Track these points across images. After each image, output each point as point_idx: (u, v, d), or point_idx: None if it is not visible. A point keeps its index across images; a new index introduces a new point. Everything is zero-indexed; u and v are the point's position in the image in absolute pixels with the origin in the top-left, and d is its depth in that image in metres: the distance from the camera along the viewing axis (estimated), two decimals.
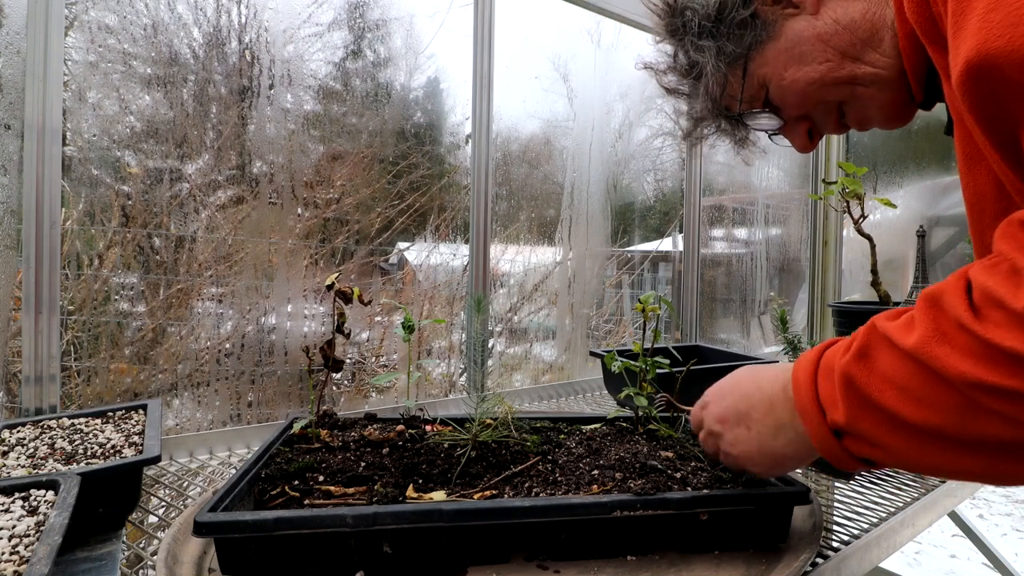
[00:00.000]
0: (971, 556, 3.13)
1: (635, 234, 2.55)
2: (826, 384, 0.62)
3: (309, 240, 1.65)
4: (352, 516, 0.69)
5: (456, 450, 0.91)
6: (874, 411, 0.57)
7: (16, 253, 1.22)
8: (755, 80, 0.83)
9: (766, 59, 0.81)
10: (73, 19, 1.30)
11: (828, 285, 2.85)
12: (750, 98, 0.85)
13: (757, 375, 0.76)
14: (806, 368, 0.65)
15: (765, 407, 0.71)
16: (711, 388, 0.83)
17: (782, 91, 0.82)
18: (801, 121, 0.87)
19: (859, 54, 0.77)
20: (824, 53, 0.78)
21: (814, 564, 0.83)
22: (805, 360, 0.67)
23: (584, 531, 0.76)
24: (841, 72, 0.78)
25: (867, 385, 0.57)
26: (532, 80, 2.07)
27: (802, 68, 0.79)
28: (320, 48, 1.67)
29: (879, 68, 0.76)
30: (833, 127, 0.85)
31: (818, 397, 0.63)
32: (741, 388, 0.76)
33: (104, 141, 1.37)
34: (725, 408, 0.77)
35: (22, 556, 0.62)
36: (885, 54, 0.75)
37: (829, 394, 0.61)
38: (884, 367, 0.56)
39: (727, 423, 0.76)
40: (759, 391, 0.73)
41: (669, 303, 1.09)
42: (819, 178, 2.82)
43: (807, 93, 0.81)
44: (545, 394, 1.94)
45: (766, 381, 0.73)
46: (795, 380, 0.66)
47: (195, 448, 1.34)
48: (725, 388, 0.79)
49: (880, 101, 0.79)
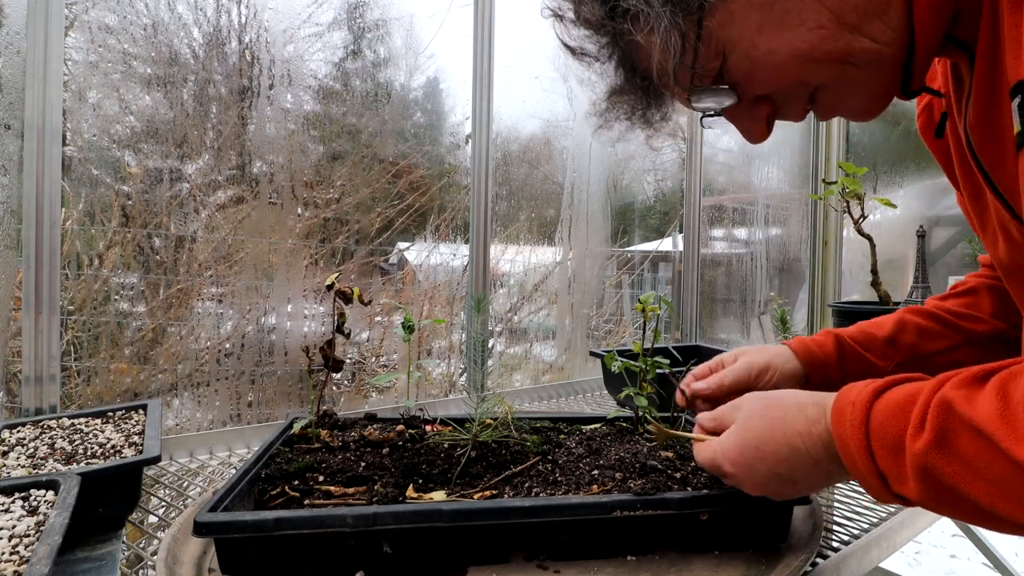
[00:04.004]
0: (971, 556, 3.13)
1: (635, 234, 2.55)
2: (888, 460, 0.56)
3: (309, 240, 1.65)
4: (352, 516, 0.69)
5: (456, 450, 0.91)
6: (956, 498, 0.52)
7: (16, 253, 1.22)
8: (712, 45, 0.60)
9: (732, 15, 0.59)
10: (73, 19, 1.30)
11: (828, 285, 2.85)
12: (702, 71, 0.62)
13: (779, 430, 0.66)
14: (855, 436, 0.58)
15: (809, 465, 0.64)
16: (723, 451, 0.71)
17: (751, 63, 0.61)
18: (761, 103, 0.66)
19: (859, 22, 0.58)
20: (817, 16, 0.57)
21: (814, 564, 0.83)
22: (851, 423, 0.58)
23: (584, 531, 0.76)
24: (836, 44, 0.58)
25: (950, 477, 0.51)
26: (532, 80, 2.07)
27: (783, 34, 0.58)
28: (320, 48, 1.67)
29: (881, 44, 0.59)
30: (798, 114, 0.67)
31: (879, 470, 0.57)
32: (772, 454, 0.66)
33: (104, 141, 1.37)
34: (762, 478, 0.68)
35: (22, 556, 0.62)
36: (891, 25, 0.58)
37: (895, 472, 0.55)
38: (972, 459, 0.50)
39: (768, 488, 0.69)
40: (795, 454, 0.64)
41: (669, 303, 1.09)
42: (819, 178, 2.82)
43: (785, 69, 0.60)
44: (545, 394, 1.94)
45: (796, 438, 0.64)
46: (843, 446, 0.59)
47: (195, 448, 1.34)
48: (749, 456, 0.68)
49: (869, 88, 0.63)
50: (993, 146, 0.61)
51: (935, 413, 0.53)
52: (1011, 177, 0.59)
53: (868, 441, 0.57)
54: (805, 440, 0.64)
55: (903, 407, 0.56)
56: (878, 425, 0.56)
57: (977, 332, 0.96)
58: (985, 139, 0.63)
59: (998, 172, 0.62)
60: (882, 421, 0.56)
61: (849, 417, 0.59)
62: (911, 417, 0.54)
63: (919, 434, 0.53)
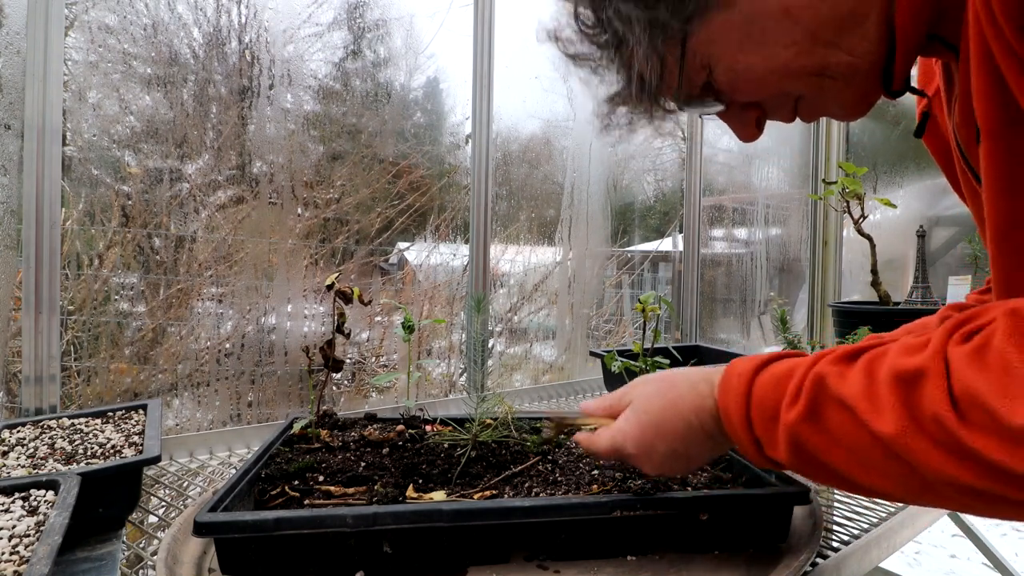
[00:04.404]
0: (971, 556, 3.13)
1: (635, 234, 2.55)
2: (764, 428, 0.61)
3: (309, 240, 1.65)
4: (352, 516, 0.69)
5: (456, 450, 0.91)
6: (820, 466, 0.57)
7: (16, 253, 1.22)
8: (697, 60, 0.65)
9: (713, 34, 0.62)
10: (73, 19, 1.30)
11: (828, 285, 2.85)
12: (689, 82, 0.66)
13: (676, 408, 0.70)
14: (737, 408, 0.63)
15: (701, 438, 0.69)
16: (623, 434, 0.73)
17: (734, 77, 0.65)
18: (749, 108, 0.70)
19: (835, 37, 0.60)
20: (791, 34, 0.60)
21: (814, 564, 0.83)
22: (735, 395, 0.63)
23: (584, 531, 0.76)
24: (810, 60, 0.61)
25: (816, 447, 0.56)
26: (532, 80, 2.07)
27: (761, 51, 0.62)
28: (320, 48, 1.67)
29: (856, 57, 0.61)
30: (785, 117, 0.71)
31: (755, 436, 0.62)
32: (670, 431, 0.70)
33: (104, 141, 1.37)
34: (662, 456, 0.71)
35: (22, 556, 0.62)
36: (867, 36, 0.60)
37: (768, 437, 0.61)
38: (836, 431, 0.55)
39: (666, 465, 0.72)
40: (690, 429, 0.69)
41: (669, 303, 1.09)
42: (819, 178, 2.82)
43: (766, 82, 0.64)
44: (545, 394, 1.94)
45: (691, 414, 0.68)
46: (727, 419, 0.64)
47: (195, 448, 1.34)
48: (649, 436, 0.71)
49: (846, 97, 0.65)
50: (976, 146, 0.61)
51: (809, 387, 0.57)
52: None
53: (748, 411, 0.62)
54: (699, 414, 0.68)
55: (781, 380, 0.60)
56: (758, 397, 0.62)
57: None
58: (971, 139, 0.63)
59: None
60: (762, 394, 0.61)
61: (734, 388, 0.64)
62: (787, 389, 0.59)
63: (793, 405, 0.58)
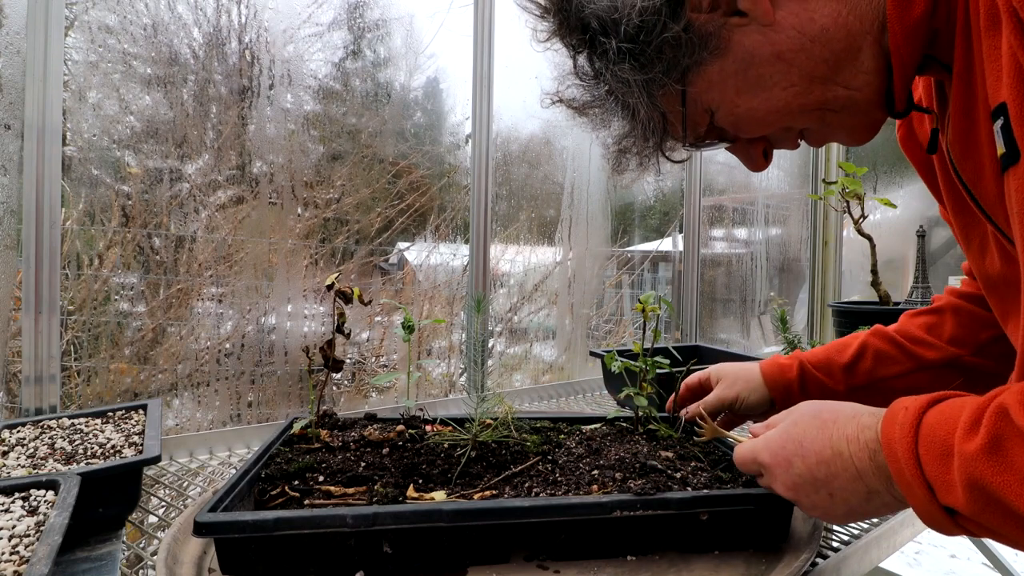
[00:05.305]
0: (971, 556, 3.13)
1: (635, 234, 2.55)
2: (936, 466, 0.54)
3: (309, 240, 1.65)
4: (352, 516, 0.69)
5: (456, 450, 0.91)
6: (1007, 513, 0.49)
7: (16, 253, 1.22)
8: (699, 106, 0.68)
9: (711, 82, 0.65)
10: (73, 19, 1.30)
11: (828, 285, 2.85)
12: (694, 125, 0.69)
13: (827, 432, 0.65)
14: (903, 439, 0.56)
15: (850, 475, 0.62)
16: (765, 442, 0.71)
17: (736, 119, 0.68)
18: (756, 143, 0.73)
19: (831, 74, 0.62)
20: (787, 76, 0.62)
21: (814, 564, 0.83)
22: (900, 426, 0.57)
23: (584, 531, 0.76)
24: (809, 99, 0.64)
25: (1001, 487, 0.49)
26: (532, 80, 2.06)
27: (760, 94, 0.64)
28: (320, 48, 1.67)
29: (854, 89, 0.63)
30: (791, 146, 0.74)
31: (925, 477, 0.54)
32: (814, 452, 0.65)
33: (104, 141, 1.37)
34: (797, 476, 0.67)
35: (22, 556, 0.62)
36: (862, 68, 0.62)
37: (942, 479, 0.53)
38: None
39: (801, 490, 0.68)
40: (838, 457, 0.63)
41: (669, 303, 1.09)
42: (819, 178, 2.82)
43: (768, 121, 0.67)
44: (545, 394, 1.94)
45: (842, 442, 0.63)
46: (889, 451, 0.57)
47: (195, 448, 1.34)
48: (790, 450, 0.67)
49: (850, 125, 0.67)
50: (972, 163, 0.62)
51: (991, 417, 0.51)
52: (991, 193, 0.61)
53: (916, 446, 0.55)
54: (851, 445, 0.62)
55: (954, 412, 0.54)
56: (928, 429, 0.55)
57: (928, 358, 0.97)
58: (964, 156, 0.63)
59: (978, 188, 0.63)
60: (932, 425, 0.55)
61: (900, 421, 0.57)
62: (961, 420, 0.53)
63: (971, 436, 0.51)
